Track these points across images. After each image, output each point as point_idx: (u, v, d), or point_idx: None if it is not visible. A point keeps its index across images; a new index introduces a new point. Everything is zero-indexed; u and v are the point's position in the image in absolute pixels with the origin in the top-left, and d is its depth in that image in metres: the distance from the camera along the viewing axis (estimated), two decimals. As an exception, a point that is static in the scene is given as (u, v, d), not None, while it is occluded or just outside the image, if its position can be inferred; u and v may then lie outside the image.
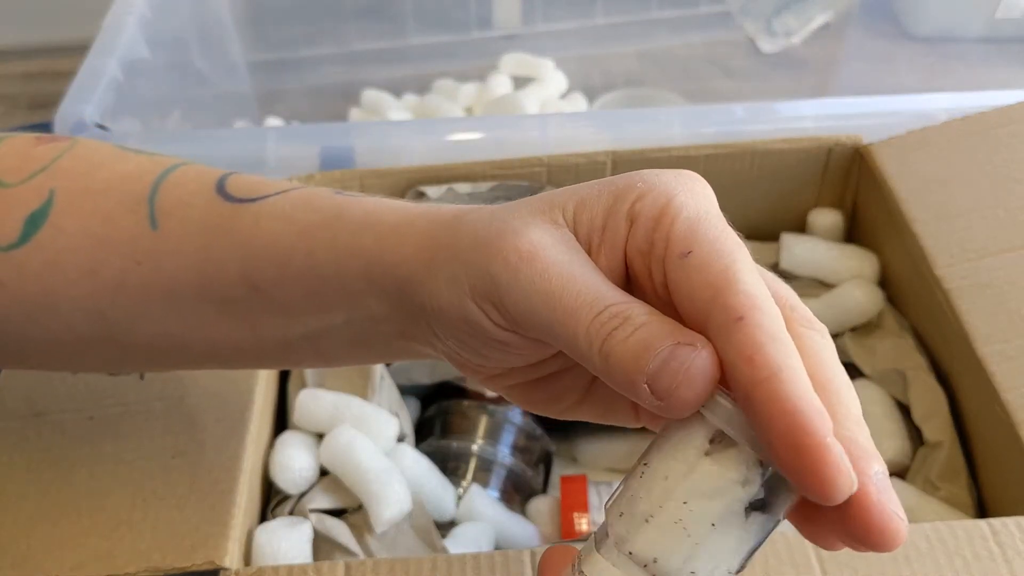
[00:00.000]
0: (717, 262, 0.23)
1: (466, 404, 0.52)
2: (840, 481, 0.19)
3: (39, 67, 1.15)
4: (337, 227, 0.29)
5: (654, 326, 0.22)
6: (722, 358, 0.22)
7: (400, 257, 0.27)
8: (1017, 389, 0.42)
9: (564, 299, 0.23)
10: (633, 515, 0.22)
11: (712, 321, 0.22)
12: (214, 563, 0.36)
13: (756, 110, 0.58)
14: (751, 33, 1.03)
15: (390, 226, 0.28)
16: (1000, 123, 0.54)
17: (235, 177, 0.31)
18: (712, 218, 0.24)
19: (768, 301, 0.22)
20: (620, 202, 0.25)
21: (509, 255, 0.24)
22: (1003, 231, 0.49)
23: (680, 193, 0.24)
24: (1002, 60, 0.99)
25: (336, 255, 0.28)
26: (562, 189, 0.26)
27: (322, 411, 0.46)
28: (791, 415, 0.20)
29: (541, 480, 0.53)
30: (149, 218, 0.31)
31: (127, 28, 0.68)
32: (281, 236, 0.29)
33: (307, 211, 0.29)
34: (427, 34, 1.00)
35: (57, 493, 0.39)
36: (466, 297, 0.25)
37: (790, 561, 0.35)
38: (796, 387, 0.20)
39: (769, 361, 0.20)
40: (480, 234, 0.25)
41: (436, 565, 0.35)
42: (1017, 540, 0.35)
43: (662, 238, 0.24)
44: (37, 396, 0.43)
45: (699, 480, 0.22)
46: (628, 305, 0.23)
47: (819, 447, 0.19)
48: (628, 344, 0.22)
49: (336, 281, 0.28)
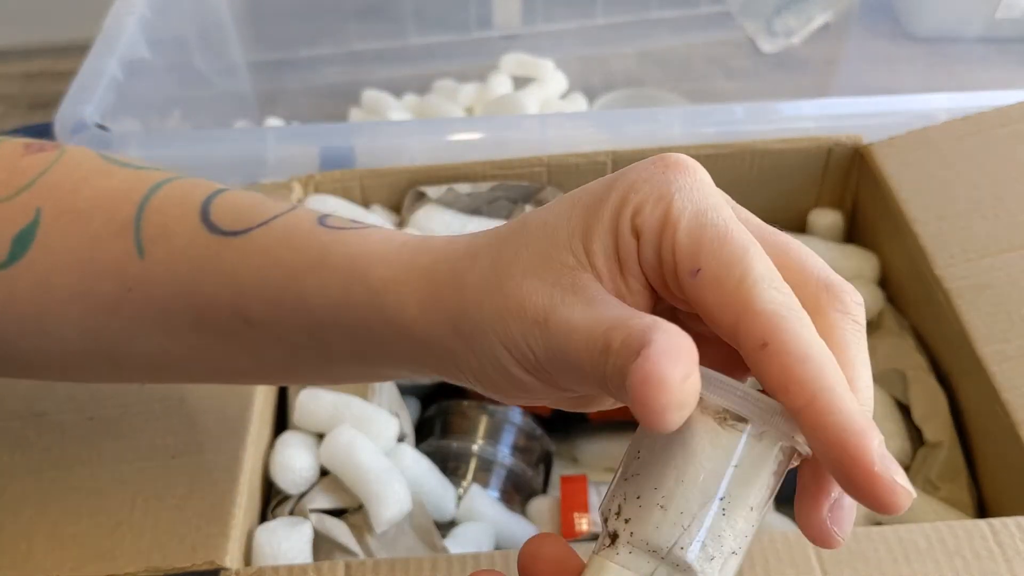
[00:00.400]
0: (728, 278, 0.22)
1: (466, 404, 0.52)
2: (897, 501, 0.20)
3: (39, 67, 1.15)
4: (324, 274, 0.28)
5: (629, 341, 0.21)
6: (762, 384, 0.21)
7: (407, 318, 0.26)
8: (1017, 389, 0.42)
9: (571, 352, 0.22)
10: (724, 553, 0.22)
11: (742, 348, 0.21)
12: (214, 563, 0.36)
13: (756, 110, 0.58)
14: (751, 33, 1.02)
15: (381, 280, 0.27)
16: (1000, 123, 0.54)
17: (220, 201, 0.31)
18: (712, 216, 0.23)
19: (791, 312, 0.21)
20: (621, 219, 0.24)
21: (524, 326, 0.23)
22: (1003, 231, 0.49)
23: (676, 194, 0.23)
24: (1002, 60, 0.99)
25: (329, 304, 0.28)
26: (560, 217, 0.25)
27: (322, 411, 0.46)
28: (839, 441, 0.20)
29: (541, 480, 0.53)
30: (136, 245, 0.30)
31: (127, 28, 0.68)
32: (269, 277, 0.28)
33: (290, 250, 0.28)
34: (427, 34, 1.00)
35: (57, 493, 0.39)
36: (513, 364, 0.24)
37: (790, 561, 0.35)
38: (838, 407, 0.20)
39: (804, 386, 0.20)
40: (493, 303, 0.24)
41: (436, 565, 0.35)
42: (1017, 540, 0.35)
43: (668, 253, 0.23)
44: (37, 396, 0.43)
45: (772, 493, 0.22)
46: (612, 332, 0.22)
47: (872, 474, 0.20)
48: (615, 377, 0.21)
49: (335, 327, 0.28)
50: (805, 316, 0.22)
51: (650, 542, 0.22)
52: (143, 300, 0.30)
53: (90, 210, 0.31)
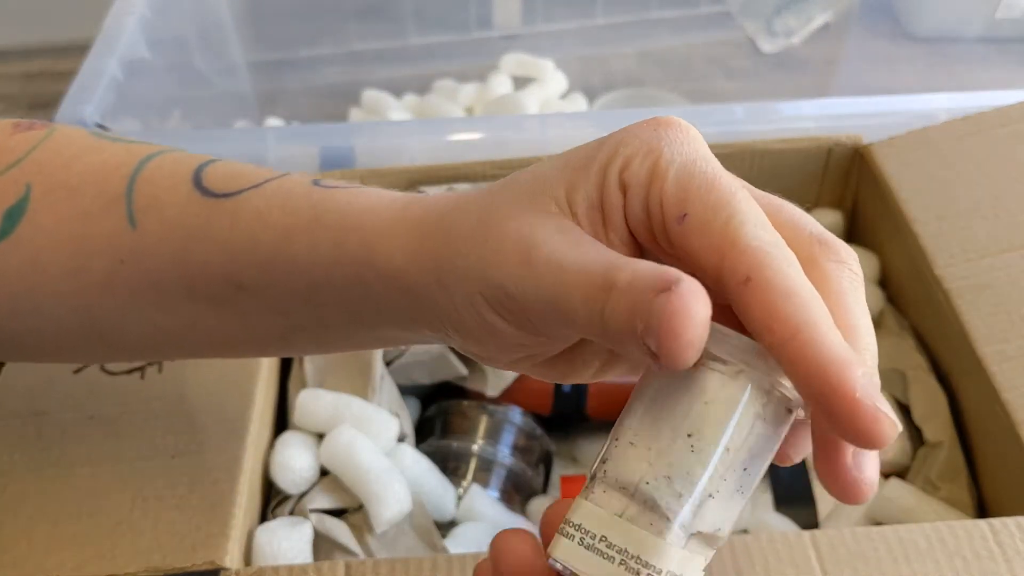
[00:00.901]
0: (715, 220, 0.22)
1: (466, 404, 0.52)
2: (881, 432, 0.19)
3: (39, 67, 1.15)
4: (316, 232, 0.28)
5: (637, 283, 0.21)
6: (745, 324, 0.21)
7: (396, 266, 0.26)
8: (1017, 389, 0.42)
9: (558, 290, 0.22)
10: (696, 494, 0.21)
11: (725, 287, 0.21)
12: (214, 563, 0.36)
13: (756, 110, 0.58)
14: (751, 33, 1.03)
15: (372, 231, 0.27)
16: (1000, 123, 0.54)
17: (212, 168, 0.30)
18: (701, 165, 0.23)
19: (776, 248, 0.21)
20: (608, 174, 0.24)
21: (510, 266, 0.23)
22: (1003, 231, 0.49)
23: (665, 148, 0.23)
24: (1002, 60, 0.99)
25: (321, 261, 0.27)
26: (548, 169, 0.25)
27: (322, 411, 0.46)
28: (821, 374, 0.19)
29: (541, 480, 0.53)
30: (127, 216, 0.30)
31: (127, 28, 0.68)
32: (260, 239, 0.28)
33: (284, 212, 0.28)
34: (427, 34, 1.00)
35: (57, 493, 0.39)
36: (489, 312, 0.24)
37: (790, 561, 0.35)
38: (821, 341, 0.20)
39: (787, 321, 0.20)
40: (476, 245, 0.24)
41: (436, 565, 0.35)
42: (1017, 540, 0.35)
43: (656, 204, 0.23)
44: (37, 396, 0.43)
45: (757, 443, 0.21)
46: (613, 271, 0.22)
47: (855, 403, 0.19)
48: (618, 312, 0.21)
49: (327, 286, 0.28)
50: (792, 256, 0.21)
51: (620, 479, 0.22)
52: (136, 273, 0.30)
53: (81, 185, 0.31)
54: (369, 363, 0.48)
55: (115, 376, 0.44)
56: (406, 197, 0.28)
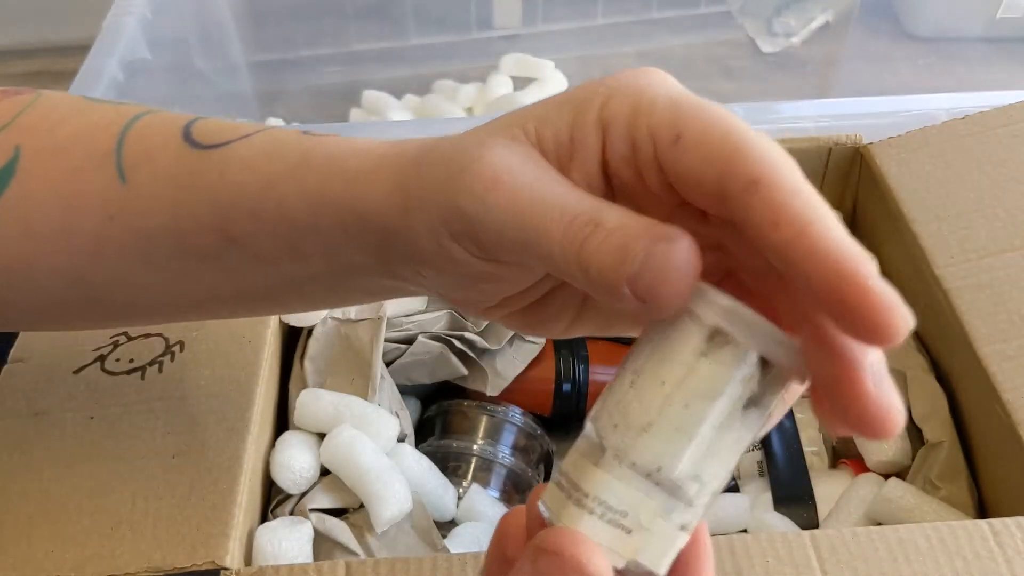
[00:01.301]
0: (713, 132, 0.21)
1: (466, 404, 0.52)
2: (895, 322, 0.19)
3: (39, 67, 1.15)
4: (303, 175, 0.28)
5: (628, 227, 0.21)
6: (749, 234, 0.20)
7: (373, 205, 0.26)
8: (1017, 389, 0.42)
9: (533, 217, 0.22)
10: (629, 425, 0.21)
11: (728, 198, 0.21)
12: (215, 563, 0.36)
13: (756, 110, 0.59)
14: (751, 33, 1.03)
15: (357, 171, 0.27)
16: (1000, 123, 0.54)
17: (202, 122, 0.31)
18: (688, 96, 0.22)
19: (782, 155, 0.21)
20: (584, 112, 0.23)
21: (474, 185, 0.23)
22: (1003, 231, 0.49)
23: (647, 87, 0.23)
24: (1002, 60, 0.99)
25: (307, 204, 0.27)
26: (520, 108, 0.25)
27: (323, 411, 0.46)
28: (833, 264, 0.19)
29: (541, 480, 0.53)
30: (117, 172, 0.30)
31: (127, 28, 0.68)
32: (248, 186, 0.28)
33: (272, 159, 0.28)
34: (427, 34, 1.00)
35: (57, 493, 0.39)
36: (445, 238, 0.24)
37: (790, 561, 0.35)
38: (831, 235, 0.19)
39: (796, 217, 0.19)
40: (444, 169, 0.24)
41: (436, 565, 0.35)
42: (1017, 540, 0.35)
43: (644, 135, 0.22)
44: (37, 396, 0.43)
45: (699, 382, 0.21)
46: (598, 211, 0.22)
47: (868, 290, 0.19)
48: (603, 250, 0.21)
49: (312, 231, 0.28)
50: (797, 167, 0.21)
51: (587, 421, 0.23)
52: (126, 229, 0.30)
53: (70, 145, 0.31)
54: (369, 363, 0.48)
55: (115, 376, 0.44)
56: (394, 142, 0.28)
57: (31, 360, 0.45)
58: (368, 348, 0.48)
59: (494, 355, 0.52)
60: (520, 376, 0.52)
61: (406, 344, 0.51)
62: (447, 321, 0.52)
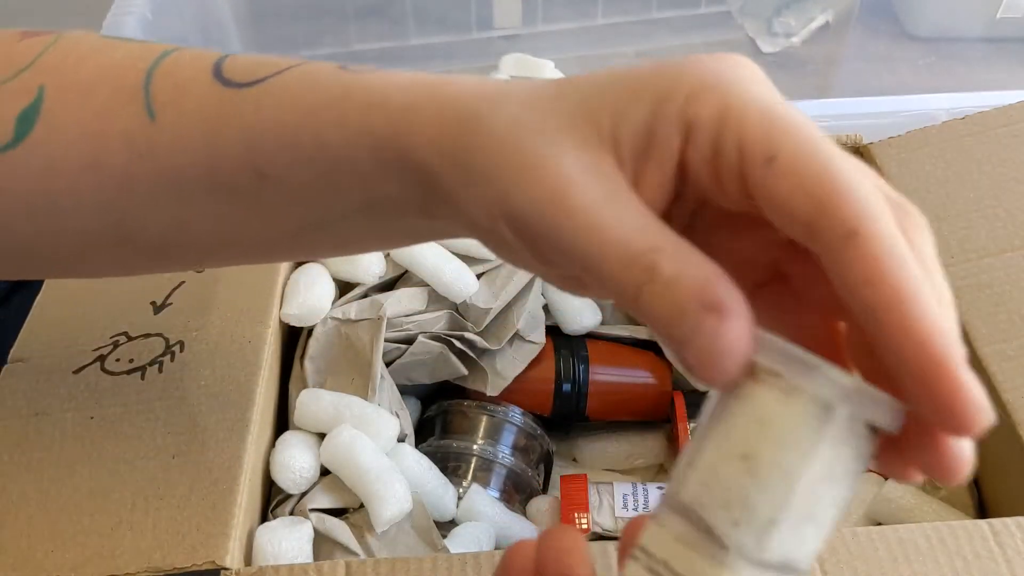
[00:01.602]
0: (812, 164, 0.20)
1: (466, 404, 0.52)
2: (978, 421, 0.18)
3: (39, 67, 1.15)
4: (345, 106, 0.27)
5: (683, 281, 0.20)
6: (836, 279, 0.19)
7: (415, 142, 0.25)
8: (1017, 389, 0.42)
9: (591, 245, 0.21)
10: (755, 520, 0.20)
11: (819, 237, 0.20)
12: (215, 563, 0.36)
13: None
14: (751, 33, 1.03)
15: (400, 108, 0.26)
16: (1000, 123, 0.54)
17: (232, 59, 0.30)
18: (783, 105, 0.21)
19: (882, 206, 0.20)
20: (666, 105, 0.22)
21: (535, 191, 0.22)
22: (1003, 231, 0.49)
23: (735, 85, 0.21)
24: (1002, 60, 0.99)
25: (345, 135, 0.26)
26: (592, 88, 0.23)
27: (323, 411, 0.46)
28: (928, 350, 0.18)
29: (541, 480, 0.53)
30: (146, 108, 0.29)
31: (127, 28, 0.68)
32: (286, 119, 0.27)
33: (311, 90, 0.28)
34: (427, 34, 1.00)
35: (57, 493, 0.39)
36: (500, 222, 0.23)
37: (790, 561, 0.35)
38: (928, 313, 0.18)
39: (895, 284, 0.19)
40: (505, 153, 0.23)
41: (436, 565, 0.35)
42: (1017, 540, 0.35)
43: (731, 147, 0.21)
44: (37, 396, 0.43)
45: (823, 466, 0.20)
46: (657, 251, 0.20)
47: (960, 387, 0.18)
48: (658, 304, 0.20)
49: (348, 163, 0.27)
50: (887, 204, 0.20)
51: (680, 501, 0.21)
52: (156, 167, 0.29)
53: (95, 83, 0.30)
54: (369, 363, 0.48)
55: (115, 376, 0.44)
56: (439, 77, 0.26)
57: (31, 360, 0.45)
58: (368, 348, 0.48)
59: (494, 355, 0.52)
60: (520, 376, 0.52)
61: (406, 344, 0.51)
62: (447, 321, 0.52)
